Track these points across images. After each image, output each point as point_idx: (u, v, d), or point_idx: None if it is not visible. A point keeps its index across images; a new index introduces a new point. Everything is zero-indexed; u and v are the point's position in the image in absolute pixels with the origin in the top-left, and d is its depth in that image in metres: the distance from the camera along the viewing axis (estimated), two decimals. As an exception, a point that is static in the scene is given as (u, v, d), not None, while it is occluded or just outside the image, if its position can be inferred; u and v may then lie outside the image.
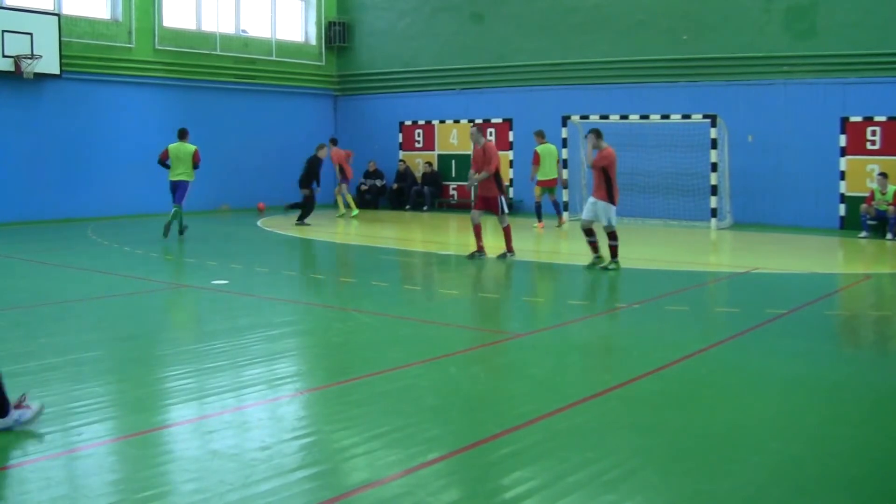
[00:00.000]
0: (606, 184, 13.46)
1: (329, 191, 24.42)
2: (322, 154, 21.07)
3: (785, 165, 20.59)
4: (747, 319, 9.75)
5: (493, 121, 24.67)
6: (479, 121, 24.91)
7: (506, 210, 14.34)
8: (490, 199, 14.25)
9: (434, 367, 7.74)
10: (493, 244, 14.95)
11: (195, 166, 17.74)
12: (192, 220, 22.07)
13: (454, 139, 25.30)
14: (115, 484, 4.95)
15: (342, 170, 22.72)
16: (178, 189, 17.71)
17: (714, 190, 20.13)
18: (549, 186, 20.23)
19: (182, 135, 17.79)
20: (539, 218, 20.51)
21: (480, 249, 14.46)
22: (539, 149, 20.12)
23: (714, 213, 20.11)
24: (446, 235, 19.29)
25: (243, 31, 25.87)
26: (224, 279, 12.55)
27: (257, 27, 26.28)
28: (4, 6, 20.28)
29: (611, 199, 13.56)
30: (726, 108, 20.87)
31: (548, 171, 20.06)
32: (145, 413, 6.33)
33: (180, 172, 17.57)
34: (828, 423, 6.28)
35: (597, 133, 13.88)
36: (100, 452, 5.50)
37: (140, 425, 6.02)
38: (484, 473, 5.19)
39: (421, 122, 26.08)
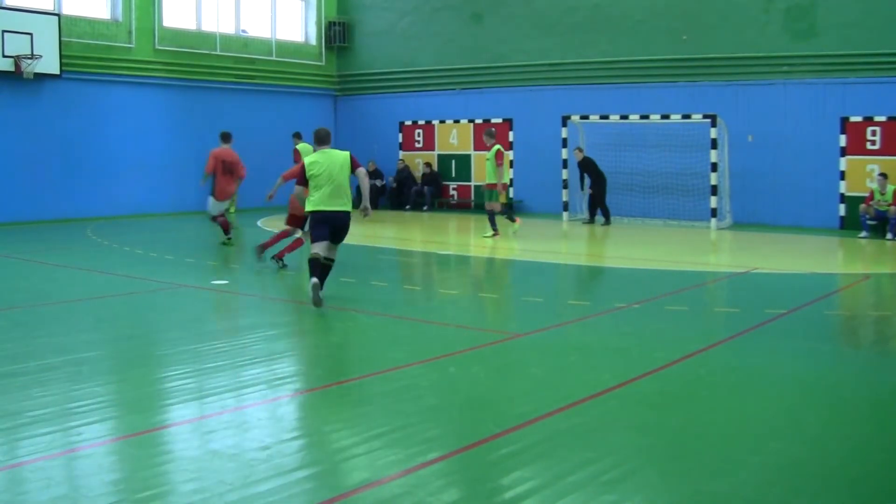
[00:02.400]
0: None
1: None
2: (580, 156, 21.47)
3: (785, 165, 20.60)
4: (747, 319, 9.74)
5: (493, 121, 24.66)
6: (478, 121, 24.93)
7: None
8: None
9: (434, 367, 7.74)
10: (502, 245, 14.89)
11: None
12: (193, 221, 22.09)
13: (454, 139, 25.30)
14: (115, 484, 4.95)
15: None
16: None
17: (714, 190, 20.13)
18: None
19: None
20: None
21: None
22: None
23: (714, 212, 20.12)
24: (446, 235, 19.29)
25: (243, 31, 25.87)
26: (224, 279, 12.55)
27: (257, 27, 26.27)
28: (4, 6, 20.28)
29: (213, 193, 15.61)
30: (726, 108, 20.88)
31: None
32: (145, 413, 6.33)
33: None
34: (828, 422, 6.28)
35: (220, 135, 16.00)
36: (99, 452, 5.50)
37: (140, 425, 6.02)
38: (484, 473, 5.19)
39: (421, 122, 26.08)
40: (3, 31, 19.81)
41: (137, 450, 5.57)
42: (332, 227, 10.30)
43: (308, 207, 10.35)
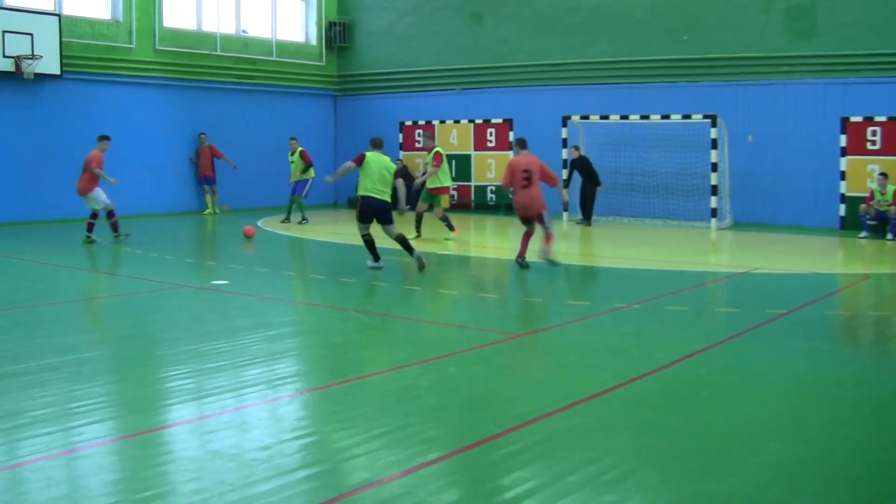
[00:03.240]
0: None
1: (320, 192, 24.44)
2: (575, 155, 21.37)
3: (785, 165, 20.59)
4: (747, 319, 9.75)
5: (494, 121, 24.67)
6: (479, 121, 24.92)
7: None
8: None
9: (434, 367, 7.74)
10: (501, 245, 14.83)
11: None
12: (193, 221, 22.10)
13: (454, 139, 25.28)
14: (115, 484, 4.95)
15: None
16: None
17: (714, 190, 20.13)
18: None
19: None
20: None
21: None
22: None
23: (714, 213, 20.11)
24: (445, 235, 19.26)
25: (243, 31, 25.85)
26: (224, 279, 12.55)
27: (257, 27, 26.26)
28: (5, 6, 20.27)
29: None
30: (726, 108, 20.86)
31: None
32: (145, 413, 6.33)
33: None
34: (827, 423, 6.28)
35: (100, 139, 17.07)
36: (100, 452, 5.50)
37: (140, 425, 6.02)
38: (484, 473, 5.19)
39: (421, 122, 26.07)
40: (4, 32, 19.80)
41: (138, 450, 5.57)
42: (374, 212, 13.17)
43: (359, 192, 13.20)
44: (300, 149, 21.22)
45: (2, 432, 5.76)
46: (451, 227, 17.64)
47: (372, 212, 13.20)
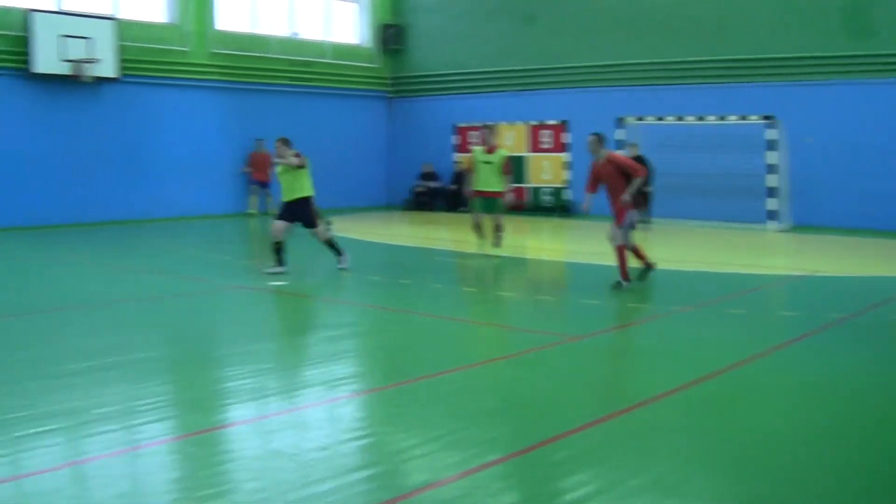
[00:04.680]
0: None
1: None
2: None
3: (847, 167, 20.17)
4: (808, 323, 9.58)
5: (549, 122, 24.57)
6: (533, 122, 24.83)
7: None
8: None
9: (491, 370, 7.72)
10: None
11: None
12: (248, 223, 22.29)
13: (509, 141, 25.22)
14: (177, 482, 5.01)
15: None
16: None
17: (772, 192, 19.84)
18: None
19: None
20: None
21: (649, 265, 12.47)
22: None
23: (773, 214, 19.82)
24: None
25: (296, 33, 26.02)
26: (282, 281, 12.64)
27: (311, 30, 26.43)
28: (63, 11, 20.63)
29: None
30: (784, 108, 20.53)
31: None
32: (205, 412, 6.40)
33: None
34: (891, 430, 6.14)
35: None
36: (161, 451, 5.57)
37: (200, 424, 6.08)
38: (543, 476, 5.16)
39: (476, 124, 26.02)
40: (63, 36, 20.13)
41: (198, 448, 5.63)
42: None
43: (310, 192, 13.21)
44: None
45: (67, 429, 5.86)
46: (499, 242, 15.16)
47: None
